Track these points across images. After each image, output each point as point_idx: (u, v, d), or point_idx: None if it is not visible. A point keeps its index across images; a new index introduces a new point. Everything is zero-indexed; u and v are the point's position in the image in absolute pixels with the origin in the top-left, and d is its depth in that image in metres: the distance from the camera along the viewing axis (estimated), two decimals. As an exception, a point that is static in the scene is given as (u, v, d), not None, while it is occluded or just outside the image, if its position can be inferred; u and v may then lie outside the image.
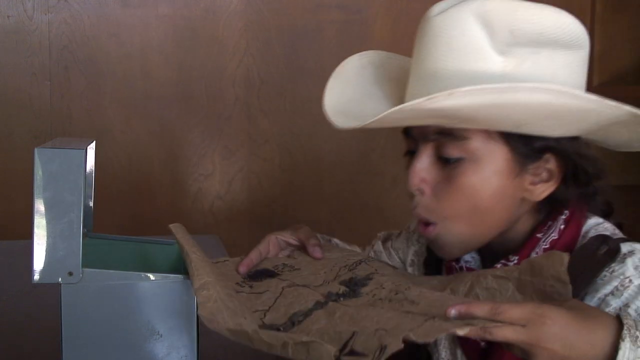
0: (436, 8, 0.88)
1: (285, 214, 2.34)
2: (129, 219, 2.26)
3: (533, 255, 0.91)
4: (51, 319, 0.96)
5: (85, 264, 0.88)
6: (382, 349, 0.69)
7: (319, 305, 0.84)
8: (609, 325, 0.71)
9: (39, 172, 0.86)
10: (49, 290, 0.91)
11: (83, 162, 0.88)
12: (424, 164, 0.90)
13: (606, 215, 0.96)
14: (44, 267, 0.87)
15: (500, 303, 0.72)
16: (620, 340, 0.70)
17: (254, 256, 0.99)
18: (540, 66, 0.85)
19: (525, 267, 0.80)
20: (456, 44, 0.85)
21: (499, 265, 0.91)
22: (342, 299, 0.86)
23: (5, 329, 1.23)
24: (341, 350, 0.72)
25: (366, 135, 2.32)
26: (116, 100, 2.25)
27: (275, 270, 0.97)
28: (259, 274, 0.95)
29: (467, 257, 0.99)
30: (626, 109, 0.82)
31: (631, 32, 2.53)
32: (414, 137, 0.92)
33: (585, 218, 0.94)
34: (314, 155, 2.35)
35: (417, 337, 0.69)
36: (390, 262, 1.10)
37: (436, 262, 1.03)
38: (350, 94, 0.99)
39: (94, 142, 1.05)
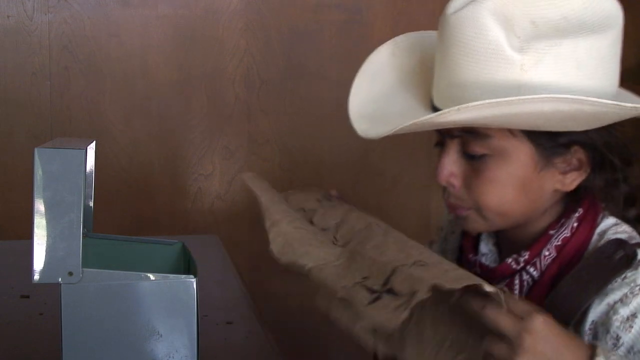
0: (454, 3, 0.87)
1: (285, 214, 2.33)
2: (129, 219, 2.26)
3: (544, 252, 0.92)
4: (51, 319, 0.96)
5: (85, 264, 0.88)
6: (413, 294, 0.73)
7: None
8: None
9: (39, 172, 0.85)
10: (49, 291, 0.91)
11: (83, 162, 0.88)
12: (451, 159, 0.92)
13: (631, 205, 0.95)
14: (44, 267, 0.87)
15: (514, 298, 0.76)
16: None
17: None
18: (561, 59, 0.83)
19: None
20: (473, 46, 0.83)
21: (509, 260, 0.93)
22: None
23: (5, 329, 1.23)
24: (383, 284, 0.78)
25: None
26: (116, 100, 2.25)
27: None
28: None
29: (485, 249, 1.01)
30: None
31: (632, 32, 2.53)
32: (440, 132, 0.94)
33: (600, 217, 0.93)
34: (314, 155, 2.35)
35: (447, 284, 0.72)
36: None
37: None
38: (377, 90, 1.00)
39: (94, 142, 1.05)
